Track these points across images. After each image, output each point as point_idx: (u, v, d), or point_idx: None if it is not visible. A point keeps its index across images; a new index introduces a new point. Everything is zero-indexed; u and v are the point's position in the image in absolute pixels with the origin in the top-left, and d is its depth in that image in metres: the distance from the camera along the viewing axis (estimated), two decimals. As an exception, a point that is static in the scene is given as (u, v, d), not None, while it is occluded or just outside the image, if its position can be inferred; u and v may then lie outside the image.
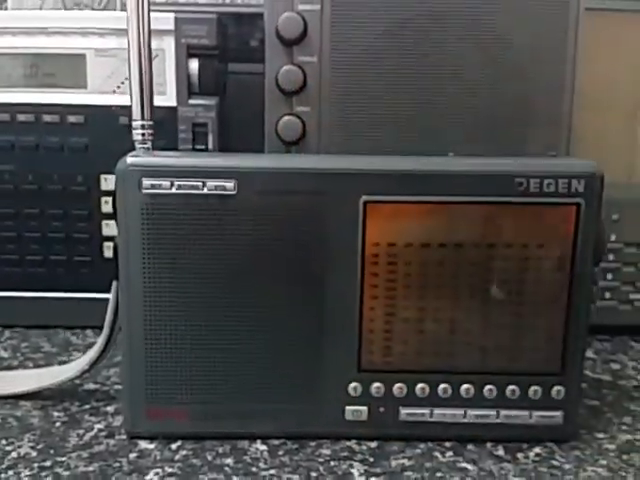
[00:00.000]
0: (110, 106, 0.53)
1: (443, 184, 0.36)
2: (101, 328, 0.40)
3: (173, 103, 0.54)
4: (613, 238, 0.55)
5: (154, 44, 0.52)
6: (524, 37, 0.52)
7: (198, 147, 0.54)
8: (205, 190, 0.36)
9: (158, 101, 0.52)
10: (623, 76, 0.55)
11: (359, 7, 0.52)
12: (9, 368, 0.47)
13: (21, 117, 0.53)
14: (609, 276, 0.56)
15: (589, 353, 0.54)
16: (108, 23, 0.53)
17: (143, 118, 0.39)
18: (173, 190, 0.36)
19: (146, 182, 0.36)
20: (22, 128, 0.53)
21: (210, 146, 0.54)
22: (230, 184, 0.36)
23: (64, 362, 0.47)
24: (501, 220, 0.37)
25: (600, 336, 0.57)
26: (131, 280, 0.36)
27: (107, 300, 0.40)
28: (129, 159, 0.36)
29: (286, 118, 0.54)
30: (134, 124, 0.39)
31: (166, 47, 0.53)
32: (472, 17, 0.53)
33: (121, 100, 0.53)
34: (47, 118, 0.53)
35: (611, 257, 0.55)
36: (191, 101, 0.54)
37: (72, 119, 0.53)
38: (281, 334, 0.37)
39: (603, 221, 0.37)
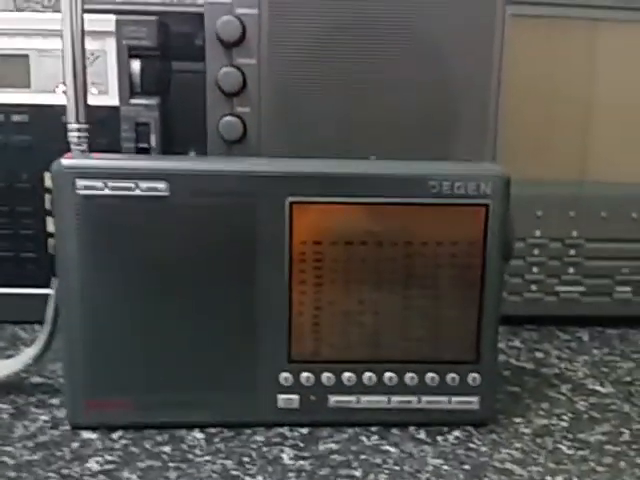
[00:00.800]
0: (53, 105, 0.54)
1: (364, 186, 0.39)
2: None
3: (116, 102, 0.55)
4: (538, 234, 0.59)
5: (96, 45, 0.54)
6: (452, 41, 0.55)
7: (141, 146, 0.56)
8: (138, 191, 0.38)
9: (101, 101, 0.54)
10: (567, 79, 0.58)
11: (295, 11, 0.55)
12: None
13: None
14: (535, 269, 0.59)
15: (515, 342, 0.57)
16: (51, 24, 0.54)
17: (78, 121, 0.41)
18: (106, 191, 0.38)
19: (80, 183, 0.37)
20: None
21: (153, 144, 0.56)
22: (162, 185, 0.38)
23: (12, 356, 0.49)
24: (417, 219, 0.39)
25: (528, 326, 0.60)
26: (68, 277, 0.38)
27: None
28: (63, 161, 0.38)
29: (227, 118, 0.56)
30: (69, 126, 0.41)
31: (108, 48, 0.54)
32: (403, 22, 0.56)
33: (63, 99, 0.54)
34: (-8, 117, 0.54)
35: (536, 252, 0.59)
36: (133, 101, 0.55)
37: (16, 118, 0.54)
38: (215, 328, 0.39)
39: (512, 220, 0.40)
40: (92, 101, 0.44)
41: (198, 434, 0.40)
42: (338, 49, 0.56)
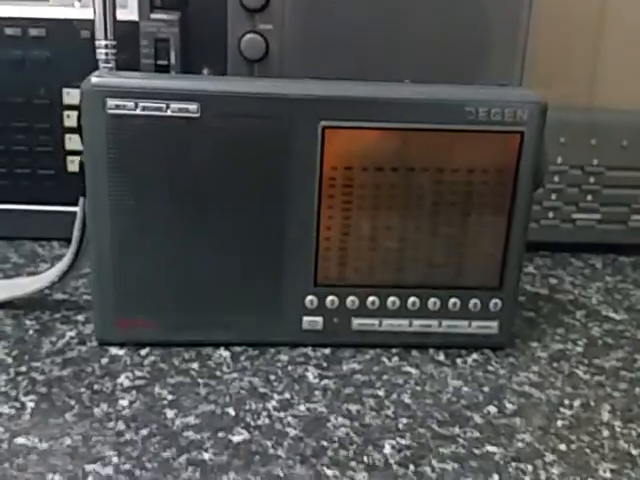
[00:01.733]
0: (71, 20, 0.53)
1: (399, 111, 0.38)
2: (66, 240, 0.42)
3: (135, 17, 0.53)
4: (559, 160, 0.58)
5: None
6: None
7: (160, 63, 0.54)
8: (169, 112, 0.37)
9: (120, 15, 0.52)
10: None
11: None
12: (-21, 278, 0.49)
13: (-17, 30, 0.52)
14: (553, 196, 0.59)
15: (530, 268, 0.58)
16: None
17: (106, 37, 0.40)
18: (137, 111, 0.37)
19: (110, 102, 0.37)
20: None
21: (172, 62, 0.55)
22: (194, 106, 0.37)
23: (32, 273, 0.50)
24: (451, 146, 0.39)
25: (542, 252, 0.61)
26: (98, 197, 0.38)
27: (71, 213, 0.41)
28: (93, 79, 0.37)
29: (249, 36, 0.55)
30: (97, 43, 0.40)
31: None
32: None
33: (82, 13, 0.53)
34: (9, 31, 0.53)
35: (556, 178, 0.59)
36: (153, 15, 0.54)
37: (34, 32, 0.53)
38: (244, 251, 0.40)
39: (545, 149, 0.39)
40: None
41: (224, 352, 0.41)
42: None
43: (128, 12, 0.54)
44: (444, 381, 0.40)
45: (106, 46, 0.39)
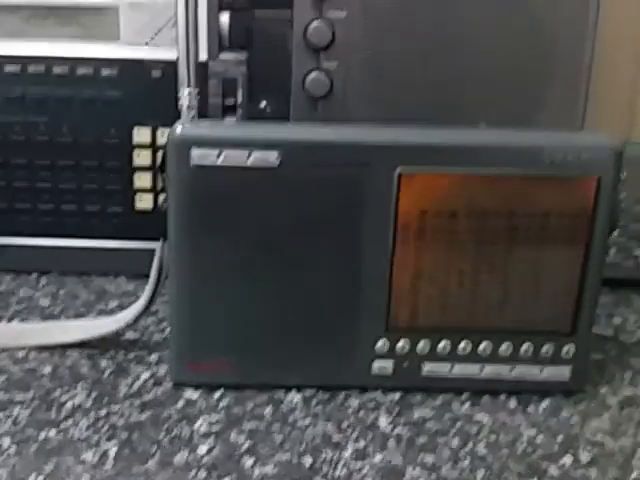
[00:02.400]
0: (142, 60, 0.54)
1: (474, 157, 0.39)
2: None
3: (204, 58, 0.54)
4: (622, 196, 0.58)
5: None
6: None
7: (227, 102, 0.55)
8: (251, 160, 0.38)
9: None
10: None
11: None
12: (52, 316, 0.50)
13: (57, 69, 0.54)
14: (615, 232, 0.58)
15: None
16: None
17: (189, 84, 0.41)
18: (220, 161, 0.38)
19: (195, 152, 0.38)
20: (57, 81, 0.54)
21: (239, 101, 0.56)
22: (274, 155, 0.38)
23: (103, 310, 0.51)
24: (527, 190, 0.39)
25: (603, 289, 0.60)
26: (178, 242, 0.39)
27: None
28: (179, 129, 0.38)
29: (314, 74, 0.55)
30: (182, 90, 0.41)
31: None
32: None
33: (153, 54, 0.54)
34: (81, 71, 0.54)
35: (620, 215, 0.58)
36: (222, 56, 0.55)
37: (105, 72, 0.54)
38: (319, 295, 0.40)
39: (620, 192, 0.39)
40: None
41: (295, 395, 0.42)
42: (429, 6, 0.54)
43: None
44: (517, 430, 0.40)
45: (190, 94, 0.40)
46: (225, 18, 0.55)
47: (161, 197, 0.54)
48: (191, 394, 0.41)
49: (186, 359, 0.41)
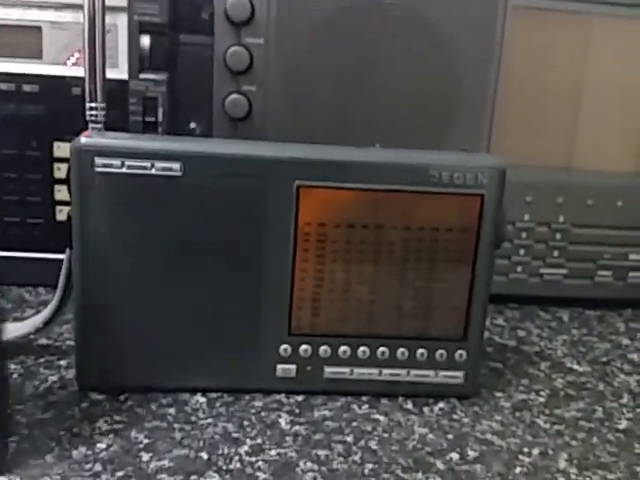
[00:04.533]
0: (64, 77, 0.56)
1: (367, 173, 0.41)
2: (52, 286, 0.44)
3: (125, 76, 0.56)
4: (527, 218, 0.61)
5: (108, 19, 0.55)
6: (455, 28, 0.57)
7: (148, 119, 0.57)
8: (153, 171, 0.40)
9: (111, 74, 0.55)
10: (561, 69, 0.61)
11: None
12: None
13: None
14: (521, 252, 0.62)
15: (499, 320, 0.60)
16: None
17: (96, 99, 0.42)
18: (124, 169, 0.40)
19: (98, 161, 0.39)
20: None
21: (160, 118, 0.58)
22: (176, 166, 0.40)
23: (18, 318, 0.51)
24: (416, 206, 0.42)
25: (511, 305, 0.63)
26: (84, 248, 0.40)
27: (58, 260, 0.43)
28: (83, 139, 0.40)
29: (233, 96, 0.58)
30: (87, 105, 0.42)
31: (119, 23, 0.56)
32: (408, 8, 0.57)
33: (74, 71, 0.56)
34: (3, 86, 0.55)
35: (524, 235, 0.61)
36: (142, 75, 0.57)
37: (27, 88, 0.56)
38: (222, 302, 0.42)
39: (504, 209, 0.42)
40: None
41: (200, 398, 0.43)
42: (343, 32, 0.57)
43: (119, 71, 0.57)
44: (410, 429, 0.42)
45: (95, 108, 0.42)
46: (146, 40, 0.57)
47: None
48: (96, 396, 0.42)
49: (91, 362, 0.42)
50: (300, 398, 0.44)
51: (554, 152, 0.62)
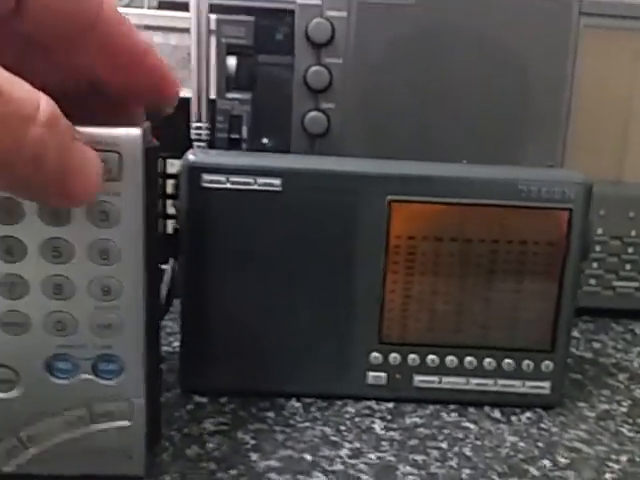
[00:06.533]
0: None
1: (457, 188, 0.43)
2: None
3: (212, 96, 0.59)
4: (600, 232, 0.62)
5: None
6: (528, 49, 0.59)
7: (233, 136, 0.60)
8: (255, 186, 0.42)
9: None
10: (616, 83, 0.62)
11: (382, 16, 0.59)
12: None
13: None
14: (595, 265, 0.63)
15: (574, 332, 0.61)
16: (156, 21, 0.58)
17: (200, 119, 0.45)
18: (228, 185, 0.42)
19: (205, 177, 0.42)
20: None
21: (244, 135, 0.60)
22: (277, 181, 0.42)
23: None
24: (504, 220, 0.43)
25: (585, 317, 0.64)
26: (189, 260, 0.43)
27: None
28: (192, 157, 0.42)
29: (312, 113, 0.60)
30: (193, 124, 0.45)
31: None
32: (483, 30, 0.59)
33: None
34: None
35: (598, 248, 0.62)
36: (228, 95, 0.59)
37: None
38: (316, 311, 0.44)
39: (591, 223, 0.43)
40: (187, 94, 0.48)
41: (295, 402, 0.45)
42: (418, 52, 0.60)
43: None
44: (501, 436, 0.43)
45: (200, 127, 0.45)
46: (232, 62, 0.60)
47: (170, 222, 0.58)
48: (199, 399, 0.44)
49: (194, 368, 0.44)
50: (390, 405, 0.45)
51: (604, 166, 0.63)
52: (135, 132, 0.32)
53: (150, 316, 0.34)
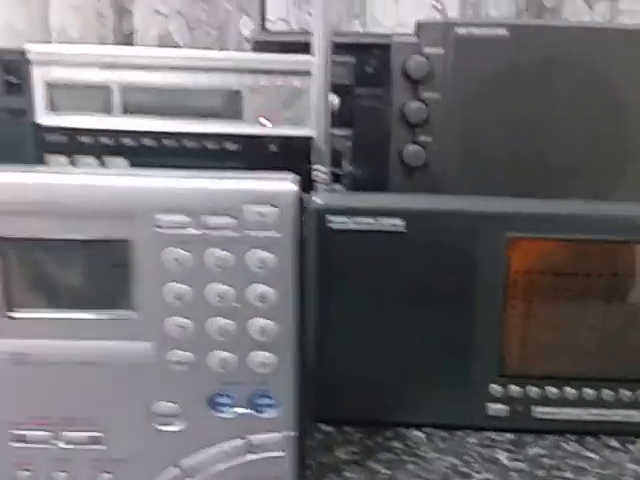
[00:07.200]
0: (262, 136, 0.61)
1: (576, 224, 0.44)
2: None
3: (310, 133, 0.62)
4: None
5: (303, 83, 0.61)
6: (627, 79, 0.60)
7: (334, 171, 0.62)
8: (379, 226, 0.44)
9: (304, 131, 0.61)
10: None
11: (478, 51, 0.60)
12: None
13: (188, 144, 0.61)
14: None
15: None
16: (260, 64, 0.61)
17: (323, 163, 0.47)
18: (352, 226, 0.44)
19: (331, 219, 0.44)
20: (188, 153, 0.61)
21: (345, 170, 0.63)
22: (399, 222, 0.44)
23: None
24: (623, 254, 0.45)
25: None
26: (317, 297, 0.45)
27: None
28: (317, 200, 0.45)
29: (412, 147, 0.62)
30: (316, 167, 0.47)
31: (310, 85, 0.61)
32: (578, 60, 0.61)
33: (271, 131, 0.61)
34: (209, 145, 0.62)
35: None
36: (332, 131, 0.62)
37: (229, 146, 0.62)
38: (437, 344, 0.46)
39: None
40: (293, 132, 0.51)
41: (417, 432, 0.47)
42: (514, 86, 0.61)
43: (309, 130, 0.62)
44: (623, 465, 0.44)
45: (323, 172, 0.47)
46: (335, 100, 0.62)
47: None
48: (327, 428, 0.46)
49: (321, 398, 0.46)
50: (510, 435, 0.47)
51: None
52: (292, 188, 0.35)
53: (300, 353, 0.37)
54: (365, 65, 0.70)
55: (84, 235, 0.34)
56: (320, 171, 0.48)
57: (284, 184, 0.35)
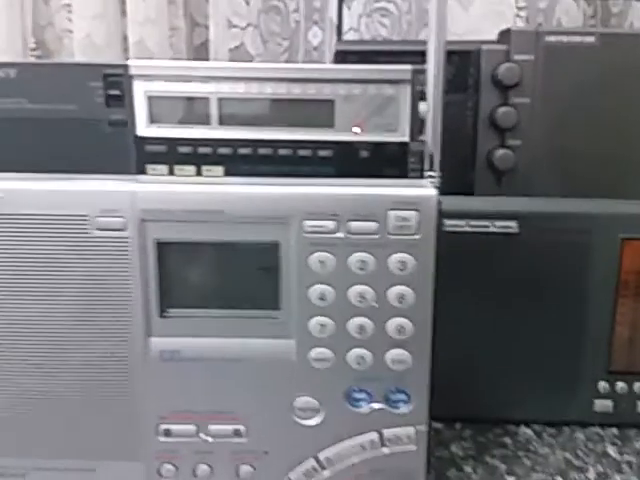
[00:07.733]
0: (353, 142, 0.63)
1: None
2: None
3: (405, 139, 0.63)
4: None
5: (396, 91, 0.63)
6: None
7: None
8: (493, 229, 0.46)
9: (394, 137, 0.63)
10: None
11: (568, 57, 0.61)
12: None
13: (282, 152, 0.64)
14: None
15: None
16: (355, 74, 0.63)
17: (432, 169, 0.49)
18: (467, 228, 0.46)
19: (448, 222, 0.46)
20: (282, 161, 0.64)
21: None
22: (513, 224, 0.46)
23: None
24: None
25: None
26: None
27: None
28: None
29: (501, 151, 0.63)
30: (427, 173, 0.49)
31: (402, 93, 0.63)
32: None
33: (361, 137, 0.63)
34: (302, 152, 0.64)
35: None
36: (420, 137, 0.63)
37: (322, 153, 0.64)
38: (547, 341, 0.47)
39: None
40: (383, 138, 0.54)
41: (525, 429, 0.48)
42: (603, 92, 0.62)
43: (399, 135, 0.64)
44: None
45: (432, 177, 0.49)
46: (424, 107, 0.64)
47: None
48: (436, 425, 0.48)
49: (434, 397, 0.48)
50: (615, 430, 0.48)
51: None
52: (431, 192, 0.36)
53: (433, 350, 0.39)
54: (455, 72, 0.72)
55: (238, 238, 0.36)
56: (432, 176, 0.49)
57: (425, 189, 0.37)
